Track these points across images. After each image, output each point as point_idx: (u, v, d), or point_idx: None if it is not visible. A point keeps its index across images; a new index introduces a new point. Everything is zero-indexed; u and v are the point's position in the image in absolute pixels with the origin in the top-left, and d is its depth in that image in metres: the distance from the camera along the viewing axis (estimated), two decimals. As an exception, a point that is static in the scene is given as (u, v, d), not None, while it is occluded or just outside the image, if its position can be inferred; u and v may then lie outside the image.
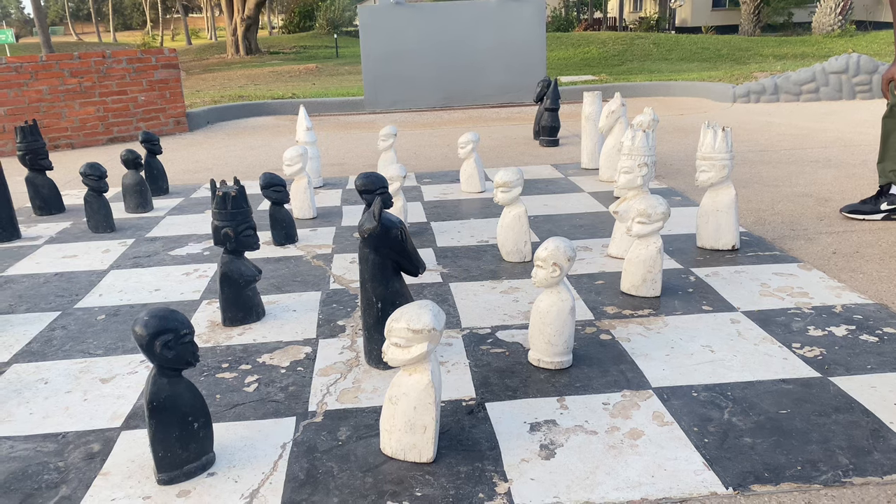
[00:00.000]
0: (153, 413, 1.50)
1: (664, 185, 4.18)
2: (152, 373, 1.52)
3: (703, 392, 1.86)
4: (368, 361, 2.07)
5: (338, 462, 1.62)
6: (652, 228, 2.41)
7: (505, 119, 7.62)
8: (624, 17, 30.96)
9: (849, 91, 7.74)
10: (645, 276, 2.46)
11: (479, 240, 3.27)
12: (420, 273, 2.00)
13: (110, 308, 2.61)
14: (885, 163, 3.25)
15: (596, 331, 2.25)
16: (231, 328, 2.38)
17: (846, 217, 3.27)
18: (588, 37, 16.90)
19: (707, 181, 2.88)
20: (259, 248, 2.38)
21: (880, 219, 3.17)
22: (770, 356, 2.04)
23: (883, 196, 3.19)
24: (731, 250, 2.94)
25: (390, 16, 8.40)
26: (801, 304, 2.40)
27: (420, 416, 1.56)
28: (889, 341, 2.10)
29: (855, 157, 4.76)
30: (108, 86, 6.86)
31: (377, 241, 1.92)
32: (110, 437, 1.75)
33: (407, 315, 1.52)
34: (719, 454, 1.59)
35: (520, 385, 1.93)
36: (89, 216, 3.65)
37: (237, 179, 2.38)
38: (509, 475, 1.54)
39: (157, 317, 1.49)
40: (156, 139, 4.41)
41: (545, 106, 5.69)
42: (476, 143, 4.11)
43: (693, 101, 8.23)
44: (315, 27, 34.06)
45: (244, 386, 1.99)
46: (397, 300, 1.95)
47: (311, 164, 4.40)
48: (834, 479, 1.49)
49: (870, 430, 1.65)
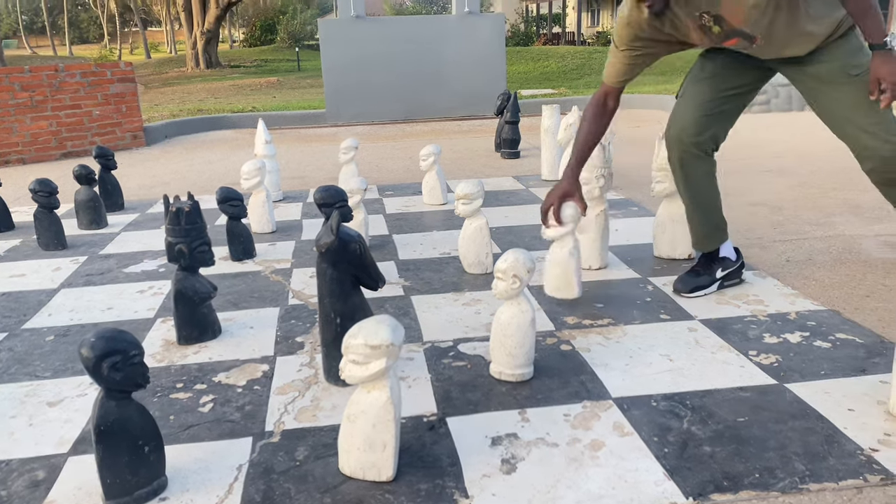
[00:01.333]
0: (101, 438, 1.45)
1: (622, 195, 4.23)
2: (100, 396, 1.47)
3: (662, 401, 1.86)
4: (327, 378, 2.04)
5: (295, 483, 1.58)
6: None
7: (466, 131, 7.65)
8: (582, 32, 31.43)
9: (798, 103, 7.94)
10: (562, 278, 2.55)
11: (441, 252, 3.25)
12: (379, 287, 1.98)
13: (60, 328, 2.53)
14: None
15: (556, 341, 2.25)
16: (186, 347, 2.33)
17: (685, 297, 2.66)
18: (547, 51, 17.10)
19: (663, 191, 2.92)
20: (214, 264, 2.34)
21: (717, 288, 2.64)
22: (727, 364, 2.06)
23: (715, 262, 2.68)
24: (687, 259, 2.97)
25: (351, 29, 8.39)
26: (756, 311, 2.43)
27: (379, 433, 1.53)
28: (841, 347, 2.14)
29: (806, 167, 4.88)
30: (62, 100, 6.70)
31: (335, 256, 1.90)
32: (56, 464, 1.69)
33: (364, 331, 1.50)
34: (679, 464, 1.59)
35: (481, 398, 1.91)
36: (39, 233, 3.54)
37: (191, 195, 2.34)
38: (470, 491, 1.52)
39: (104, 338, 1.44)
40: (110, 154, 4.32)
41: (505, 119, 5.72)
42: (438, 156, 4.11)
43: (649, 113, 8.37)
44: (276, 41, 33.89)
45: (199, 406, 1.94)
46: (357, 315, 1.92)
47: (270, 177, 4.34)
48: (791, 486, 1.50)
49: (824, 436, 1.67)
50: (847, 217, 3.58)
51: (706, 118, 2.50)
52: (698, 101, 2.51)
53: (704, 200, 2.63)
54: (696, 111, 2.50)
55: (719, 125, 2.54)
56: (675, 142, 2.55)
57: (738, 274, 2.68)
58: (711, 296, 2.58)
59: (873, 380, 1.92)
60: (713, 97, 2.50)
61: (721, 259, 2.64)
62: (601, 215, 2.86)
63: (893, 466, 1.54)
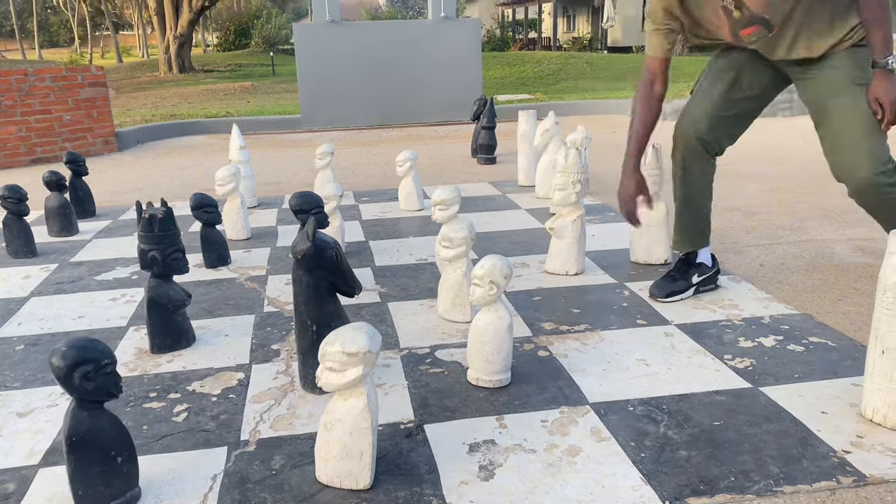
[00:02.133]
0: (72, 449, 1.42)
1: (598, 201, 4.26)
2: (71, 406, 1.44)
3: (639, 406, 1.87)
4: (304, 386, 2.02)
5: (271, 492, 1.56)
6: (456, 252, 2.42)
7: (442, 137, 7.65)
8: (558, 37, 31.66)
9: (771, 109, 8.07)
10: (454, 301, 2.48)
11: (417, 258, 3.25)
12: (356, 294, 1.96)
13: (30, 337, 2.48)
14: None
15: (534, 347, 2.26)
16: (159, 355, 2.29)
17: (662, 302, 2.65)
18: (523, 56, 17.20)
19: (639, 197, 2.94)
20: (188, 271, 2.31)
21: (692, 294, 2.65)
22: (703, 368, 2.07)
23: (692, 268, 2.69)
24: (663, 264, 3.00)
25: (326, 34, 8.36)
26: (731, 315, 2.46)
27: (356, 441, 1.52)
28: (815, 350, 2.17)
29: (779, 172, 4.95)
30: (31, 104, 6.59)
31: (311, 263, 1.88)
32: (27, 476, 1.65)
33: (341, 338, 1.49)
34: (656, 468, 1.60)
35: (459, 405, 1.91)
36: (8, 241, 3.48)
37: (164, 201, 2.31)
38: (448, 499, 1.52)
39: (75, 347, 1.41)
40: (81, 160, 4.25)
41: (482, 124, 5.73)
42: (414, 161, 4.10)
43: (625, 119, 8.41)
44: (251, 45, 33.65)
45: (173, 416, 1.91)
46: (333, 322, 1.91)
47: (245, 183, 4.31)
48: (766, 489, 1.51)
49: (798, 439, 1.69)
50: (819, 222, 3.64)
51: (719, 117, 2.55)
52: (713, 98, 2.55)
53: (697, 202, 2.67)
54: (711, 108, 2.55)
55: (729, 129, 2.60)
56: (682, 136, 2.59)
57: (714, 280, 2.71)
58: (687, 301, 2.60)
59: (846, 382, 1.95)
60: (728, 98, 2.54)
61: (698, 265, 2.67)
62: (577, 221, 2.88)
63: (866, 468, 1.57)
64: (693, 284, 2.64)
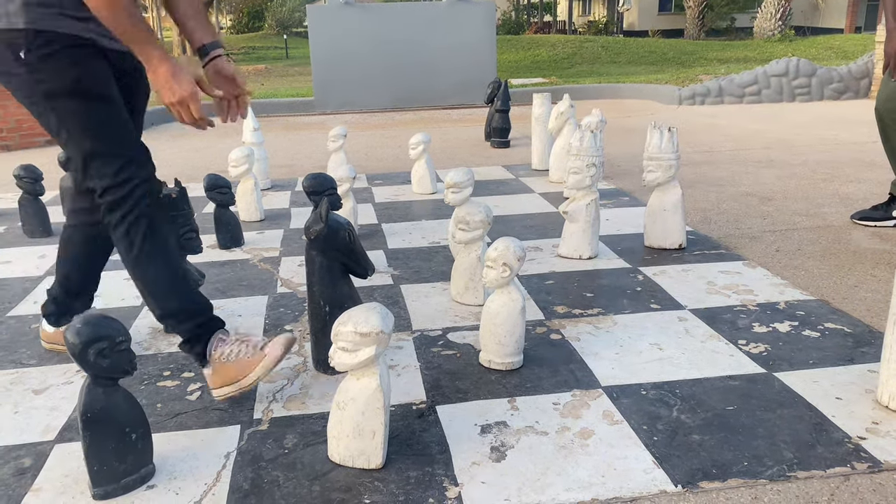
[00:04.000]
0: (87, 425, 1.43)
1: (612, 185, 4.23)
2: (86, 382, 1.45)
3: (651, 390, 1.87)
4: (316, 366, 2.03)
5: (284, 471, 1.57)
6: (472, 236, 2.41)
7: (456, 120, 7.62)
8: (573, 21, 31.38)
9: (789, 93, 7.97)
10: (467, 284, 2.47)
11: (430, 241, 3.24)
12: (369, 275, 1.96)
13: (45, 316, 2.50)
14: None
15: (546, 331, 2.25)
16: (173, 335, 2.30)
17: (856, 223, 3.26)
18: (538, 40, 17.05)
19: (654, 181, 2.92)
20: (202, 251, 2.32)
21: (892, 225, 3.17)
22: (717, 353, 2.06)
23: (894, 203, 3.19)
24: (678, 249, 2.98)
25: (340, 16, 8.32)
26: (746, 301, 2.44)
27: (368, 421, 1.53)
28: (830, 336, 2.15)
29: (795, 158, 4.90)
30: (46, 85, 6.61)
31: (324, 243, 1.88)
32: (43, 451, 1.67)
33: (354, 318, 1.49)
34: (668, 452, 1.59)
35: (471, 387, 1.91)
36: (24, 220, 3.50)
37: (178, 181, 2.31)
38: (460, 479, 1.52)
39: (90, 324, 1.42)
40: (96, 140, 4.26)
41: (496, 107, 5.70)
42: (427, 144, 4.09)
43: (640, 103, 8.37)
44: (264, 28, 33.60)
45: (187, 394, 1.92)
46: (346, 303, 1.91)
47: (259, 165, 4.31)
48: (779, 474, 1.51)
49: (813, 425, 1.68)
50: (836, 208, 3.60)
51: None
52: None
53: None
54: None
55: None
56: (877, 109, 3.10)
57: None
58: (701, 285, 2.58)
59: (861, 369, 1.94)
60: None
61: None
62: (591, 204, 2.86)
63: (880, 454, 1.55)
64: (892, 217, 3.07)
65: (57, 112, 1.71)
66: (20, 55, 1.65)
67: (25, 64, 1.66)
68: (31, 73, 1.67)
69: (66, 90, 1.68)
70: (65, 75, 1.68)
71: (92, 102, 1.72)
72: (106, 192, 1.75)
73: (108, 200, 1.75)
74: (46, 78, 1.67)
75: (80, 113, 1.71)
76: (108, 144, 1.74)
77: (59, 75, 1.67)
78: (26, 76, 1.68)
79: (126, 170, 1.74)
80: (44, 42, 1.65)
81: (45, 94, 1.69)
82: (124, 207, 1.75)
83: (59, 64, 1.67)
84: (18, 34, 1.64)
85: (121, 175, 1.73)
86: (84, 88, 1.70)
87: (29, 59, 1.66)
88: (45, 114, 1.73)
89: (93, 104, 1.72)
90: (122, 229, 1.77)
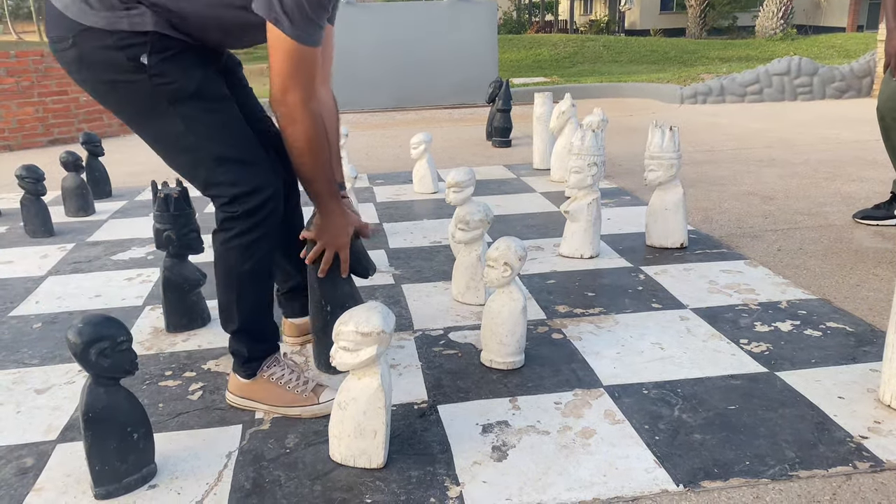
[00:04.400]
0: (89, 424, 1.43)
1: (614, 184, 4.23)
2: (88, 382, 1.45)
3: (653, 389, 1.86)
4: (318, 366, 2.03)
5: (285, 470, 1.57)
6: (471, 236, 2.40)
7: (457, 120, 7.62)
8: (574, 20, 31.37)
9: (791, 92, 7.96)
10: (468, 284, 2.47)
11: (431, 241, 3.24)
12: (370, 275, 1.96)
13: (47, 315, 2.51)
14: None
15: (548, 330, 2.25)
16: (175, 334, 2.31)
17: (858, 222, 3.26)
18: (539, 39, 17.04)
19: (655, 180, 2.91)
20: (203, 251, 2.31)
21: (895, 224, 3.16)
22: (718, 352, 2.06)
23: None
24: (679, 248, 2.97)
25: (340, 16, 8.27)
26: (747, 300, 2.44)
27: (370, 420, 1.53)
28: (832, 335, 2.15)
29: (797, 157, 4.89)
30: (48, 85, 6.62)
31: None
32: (45, 451, 1.67)
33: (355, 318, 1.49)
34: (670, 451, 1.59)
35: (472, 386, 1.91)
36: (26, 220, 3.51)
37: (179, 181, 2.31)
38: (461, 478, 1.52)
39: (91, 324, 1.42)
40: (97, 140, 4.27)
41: (497, 107, 5.70)
42: (429, 144, 4.09)
43: (642, 102, 8.36)
44: (266, 27, 33.56)
45: (188, 394, 1.93)
46: (347, 303, 1.91)
47: (261, 165, 4.30)
48: (781, 473, 1.50)
49: (815, 424, 1.68)
50: (838, 207, 3.59)
51: None
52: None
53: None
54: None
55: None
56: (879, 109, 3.08)
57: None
58: (703, 285, 2.58)
59: (863, 368, 1.93)
60: None
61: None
62: (593, 204, 2.86)
63: (882, 454, 1.55)
64: (894, 216, 3.10)
65: (183, 116, 1.59)
66: (141, 60, 1.53)
67: (147, 68, 1.54)
68: (153, 77, 1.55)
69: (193, 92, 1.59)
70: (190, 76, 1.59)
71: (217, 103, 1.65)
72: (235, 201, 1.63)
73: (236, 211, 1.64)
74: (171, 80, 1.56)
75: (208, 113, 1.62)
76: (239, 149, 1.65)
77: (184, 77, 1.58)
78: (146, 82, 1.56)
79: (259, 176, 1.65)
80: (166, 45, 1.56)
81: (170, 99, 1.57)
82: (255, 218, 1.65)
83: (183, 65, 1.58)
84: (141, 38, 1.53)
85: (255, 181, 1.63)
86: (208, 89, 1.62)
87: (152, 63, 1.54)
88: (164, 121, 1.61)
89: (218, 105, 1.65)
90: (245, 240, 1.67)
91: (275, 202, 1.67)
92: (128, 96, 1.61)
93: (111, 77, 1.58)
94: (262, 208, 1.65)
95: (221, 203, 1.66)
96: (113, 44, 1.53)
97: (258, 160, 1.67)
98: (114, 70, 1.56)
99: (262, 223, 1.67)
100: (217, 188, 1.65)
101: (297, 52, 1.56)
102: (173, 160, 1.68)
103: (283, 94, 1.60)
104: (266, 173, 1.67)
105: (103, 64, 1.56)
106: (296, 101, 1.60)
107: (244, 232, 1.66)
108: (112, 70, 1.56)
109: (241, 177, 1.63)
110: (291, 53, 1.56)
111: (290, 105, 1.60)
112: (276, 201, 1.68)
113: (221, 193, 1.64)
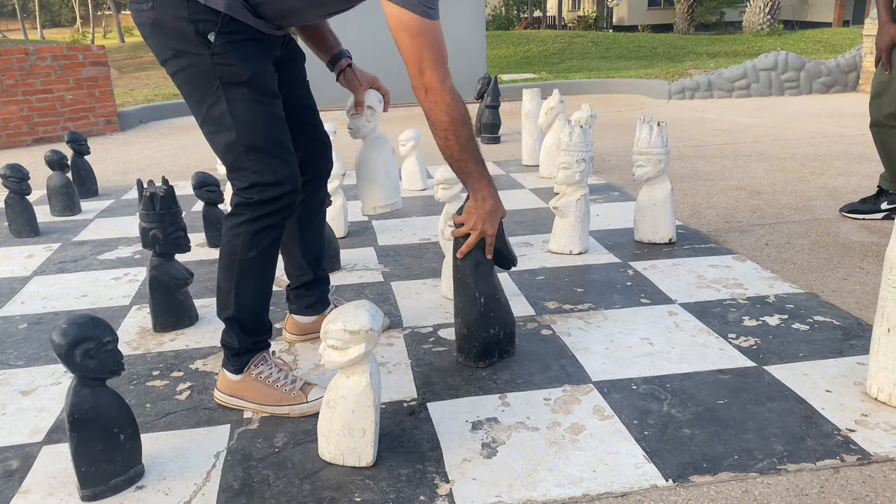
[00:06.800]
0: (74, 426, 1.42)
1: (602, 180, 4.23)
2: (73, 383, 1.44)
3: (642, 385, 1.87)
4: (466, 360, 2.00)
5: (274, 469, 1.56)
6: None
7: (446, 116, 7.59)
8: (563, 16, 31.38)
9: (778, 87, 8.00)
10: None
11: (420, 238, 3.23)
12: (512, 267, 2.05)
13: (33, 316, 2.48)
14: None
15: (537, 326, 2.25)
16: (162, 334, 2.29)
17: (845, 216, 3.28)
18: (528, 35, 17.03)
19: (643, 175, 2.92)
20: (190, 249, 2.30)
21: (881, 218, 3.18)
22: (707, 347, 2.06)
23: (883, 195, 3.21)
24: (667, 243, 2.98)
25: (329, 12, 8.27)
26: (736, 294, 2.44)
27: (358, 419, 1.52)
28: (819, 329, 2.16)
29: (785, 151, 4.91)
30: (33, 84, 6.56)
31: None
32: (30, 453, 1.66)
33: (343, 316, 1.48)
34: (659, 446, 1.59)
35: (461, 383, 1.91)
36: (11, 220, 3.47)
37: (165, 179, 2.29)
38: (451, 476, 1.52)
39: (76, 324, 1.41)
40: (82, 139, 4.23)
41: (486, 103, 5.70)
42: (418, 141, 4.08)
43: (630, 98, 8.38)
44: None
45: (176, 394, 1.91)
46: (498, 295, 1.95)
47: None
48: (769, 467, 1.51)
49: (802, 417, 1.69)
50: (825, 201, 3.61)
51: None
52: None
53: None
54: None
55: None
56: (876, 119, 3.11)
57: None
58: (691, 279, 2.59)
59: (850, 361, 1.94)
60: None
61: (889, 194, 3.16)
62: (581, 200, 2.86)
63: (870, 446, 1.56)
64: (881, 210, 3.15)
65: (229, 98, 1.63)
66: (208, 37, 1.58)
67: (211, 46, 1.59)
68: (215, 55, 1.59)
69: (245, 79, 1.63)
70: (247, 65, 1.63)
71: (266, 97, 1.68)
72: (253, 188, 1.67)
73: (252, 198, 1.67)
74: (229, 63, 1.61)
75: (253, 103, 1.65)
76: (272, 143, 1.68)
77: (242, 63, 1.62)
78: (207, 58, 1.60)
79: (282, 171, 1.68)
80: (234, 29, 1.61)
81: (223, 80, 1.62)
82: (268, 208, 1.68)
83: (244, 53, 1.63)
84: (214, 16, 1.58)
85: (277, 175, 1.67)
86: (260, 81, 1.66)
87: (217, 42, 1.59)
88: (212, 98, 1.65)
89: (266, 98, 1.68)
90: (253, 227, 1.69)
91: (291, 198, 1.71)
92: (187, 67, 1.65)
93: (178, 46, 1.62)
94: (277, 200, 1.68)
95: (239, 187, 1.69)
96: (187, 15, 1.58)
97: (286, 158, 1.71)
98: (182, 40, 1.60)
99: (273, 214, 1.70)
100: (240, 172, 1.68)
101: (425, 28, 1.62)
102: (211, 136, 1.71)
103: (420, 75, 1.68)
104: (291, 171, 1.71)
105: (174, 32, 1.60)
106: (433, 80, 1.68)
107: (254, 219, 1.69)
108: (180, 40, 1.61)
109: (265, 167, 1.67)
110: (421, 31, 1.61)
111: (429, 85, 1.69)
112: (293, 198, 1.71)
113: (242, 178, 1.68)
